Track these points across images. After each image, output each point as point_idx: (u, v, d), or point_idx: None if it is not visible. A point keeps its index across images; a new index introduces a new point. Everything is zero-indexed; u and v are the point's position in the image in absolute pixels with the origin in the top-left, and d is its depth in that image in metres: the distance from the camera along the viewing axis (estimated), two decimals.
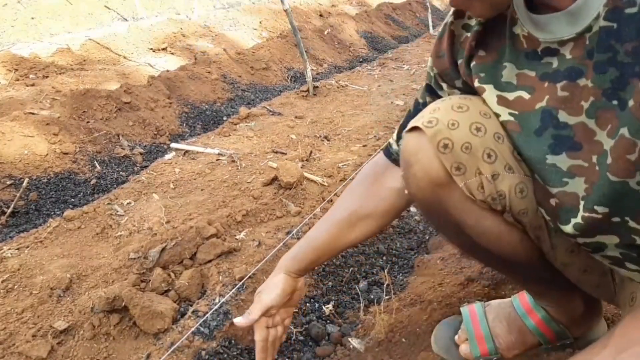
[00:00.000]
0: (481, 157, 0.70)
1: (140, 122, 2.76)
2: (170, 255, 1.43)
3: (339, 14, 5.87)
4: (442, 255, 1.49)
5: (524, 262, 0.80)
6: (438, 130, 0.70)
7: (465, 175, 0.71)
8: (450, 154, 0.70)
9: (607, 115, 0.59)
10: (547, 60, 0.67)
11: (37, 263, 1.45)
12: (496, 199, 0.72)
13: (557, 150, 0.66)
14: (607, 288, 0.84)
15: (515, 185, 0.71)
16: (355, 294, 1.43)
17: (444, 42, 0.81)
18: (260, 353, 0.98)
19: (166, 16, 5.18)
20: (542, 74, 0.68)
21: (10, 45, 4.11)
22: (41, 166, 2.17)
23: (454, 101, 0.74)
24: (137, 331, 1.22)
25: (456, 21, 0.79)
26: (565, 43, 0.64)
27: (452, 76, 0.82)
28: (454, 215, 0.75)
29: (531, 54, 0.69)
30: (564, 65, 0.65)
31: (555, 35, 0.64)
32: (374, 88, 3.45)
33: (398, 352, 1.11)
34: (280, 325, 1.01)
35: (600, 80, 0.59)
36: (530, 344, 0.96)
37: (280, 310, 0.99)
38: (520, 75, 0.70)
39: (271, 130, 2.59)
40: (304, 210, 1.72)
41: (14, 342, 1.16)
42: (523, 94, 0.70)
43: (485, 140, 0.70)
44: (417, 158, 0.73)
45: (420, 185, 0.74)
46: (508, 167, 0.71)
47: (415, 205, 0.83)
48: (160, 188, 1.97)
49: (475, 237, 0.77)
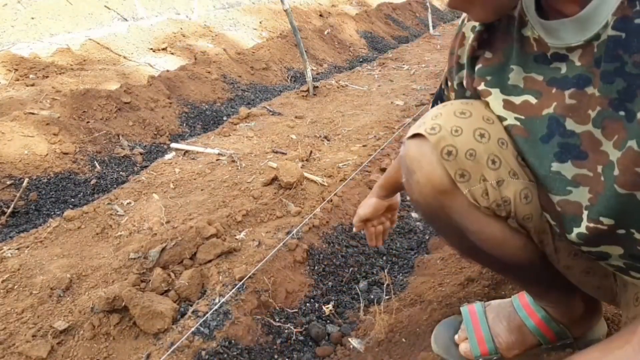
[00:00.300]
0: (485, 164, 0.69)
1: (140, 122, 2.76)
2: (170, 255, 1.43)
3: (339, 14, 5.87)
4: (442, 255, 1.49)
5: (526, 265, 0.80)
6: (441, 137, 0.69)
7: (470, 182, 0.70)
8: (454, 161, 0.69)
9: (613, 125, 0.59)
10: (556, 66, 0.66)
11: (37, 263, 1.45)
12: (501, 205, 0.71)
13: (562, 158, 0.65)
14: (609, 289, 0.83)
15: (520, 191, 0.71)
16: (355, 294, 1.43)
17: (456, 41, 0.80)
18: (370, 241, 1.23)
19: (166, 16, 5.18)
20: (550, 79, 0.67)
21: (10, 45, 4.11)
22: (41, 166, 2.17)
23: (456, 107, 0.73)
24: (137, 331, 1.22)
25: (467, 23, 0.78)
26: (574, 49, 0.64)
27: (453, 74, 0.82)
28: (456, 221, 0.75)
29: (540, 57, 0.68)
30: (573, 72, 0.64)
31: (564, 41, 0.64)
32: (374, 88, 3.45)
33: (398, 352, 1.11)
34: (387, 221, 1.22)
35: (607, 90, 0.59)
36: (530, 344, 0.95)
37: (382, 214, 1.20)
38: (528, 79, 0.70)
39: (271, 130, 2.59)
40: (304, 210, 1.72)
41: (14, 342, 1.16)
42: (530, 99, 0.69)
43: (490, 146, 0.70)
44: (419, 165, 0.72)
45: (423, 192, 0.73)
46: (512, 173, 0.71)
47: (416, 211, 0.83)
48: (160, 188, 1.97)
49: (478, 242, 0.77)
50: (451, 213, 0.74)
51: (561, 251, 0.78)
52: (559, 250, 0.78)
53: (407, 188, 0.77)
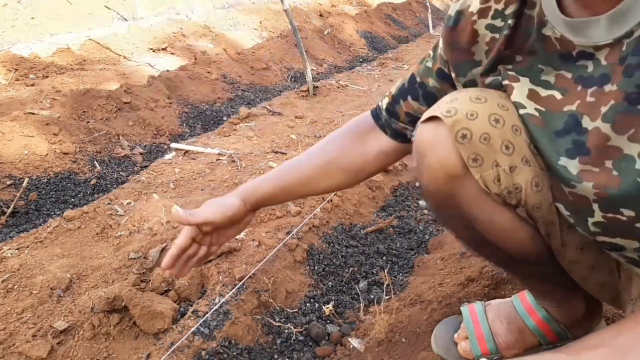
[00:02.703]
0: (499, 149, 0.69)
1: (140, 122, 2.76)
2: None
3: (339, 14, 5.87)
4: (442, 255, 1.49)
5: (531, 259, 0.79)
6: (457, 120, 0.69)
7: (482, 167, 0.69)
8: (469, 145, 0.68)
9: (627, 119, 0.58)
10: (583, 64, 0.66)
11: (37, 263, 1.45)
12: (512, 192, 0.71)
13: (572, 155, 0.65)
14: (612, 287, 0.83)
15: (532, 179, 0.70)
16: (355, 294, 1.43)
17: (463, 35, 0.78)
18: (169, 258, 0.90)
19: (166, 16, 5.18)
20: (577, 76, 0.66)
21: (10, 45, 4.10)
22: (41, 166, 2.17)
23: (472, 93, 0.73)
24: (137, 331, 1.22)
25: (480, 20, 0.77)
26: (601, 48, 0.63)
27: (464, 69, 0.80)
28: (465, 209, 0.74)
29: (566, 55, 0.67)
30: (599, 71, 0.63)
31: (592, 39, 0.63)
32: (374, 88, 3.45)
33: (398, 352, 1.11)
34: (206, 246, 0.96)
35: (625, 85, 0.58)
36: (530, 343, 0.95)
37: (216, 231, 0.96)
38: (559, 76, 0.69)
39: (271, 130, 2.59)
40: (304, 210, 1.72)
41: (14, 342, 1.16)
42: (556, 94, 0.68)
43: (504, 131, 0.69)
44: (432, 148, 0.71)
45: (434, 176, 0.73)
46: (525, 160, 0.70)
47: (425, 198, 0.82)
48: (160, 188, 1.97)
49: (485, 232, 0.76)
50: (460, 200, 0.73)
51: (568, 245, 0.78)
52: (566, 243, 0.78)
53: (417, 173, 0.76)
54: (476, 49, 0.78)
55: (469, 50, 0.78)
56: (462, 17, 0.78)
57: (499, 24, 0.75)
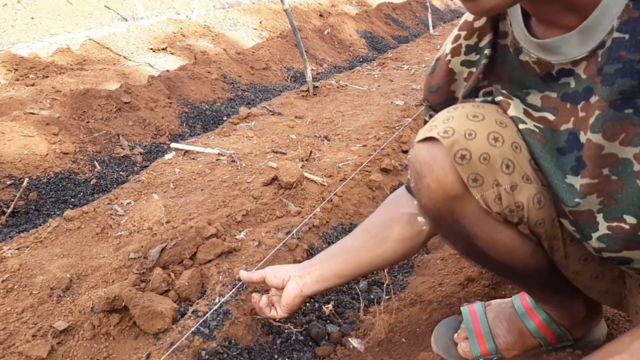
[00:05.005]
0: (499, 168, 0.68)
1: (140, 122, 2.76)
2: (170, 255, 1.43)
3: (339, 14, 5.86)
4: (442, 255, 1.49)
5: (533, 272, 0.79)
6: (455, 141, 0.68)
7: (482, 187, 0.68)
8: (468, 165, 0.67)
9: (616, 125, 0.58)
10: (565, 81, 0.66)
11: (37, 263, 1.45)
12: (514, 210, 0.70)
13: (576, 172, 0.65)
14: (616, 294, 0.83)
15: (534, 196, 0.70)
16: (355, 294, 1.43)
17: (438, 77, 0.81)
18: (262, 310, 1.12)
19: (166, 16, 5.18)
20: (562, 94, 0.67)
21: (10, 45, 4.10)
22: (41, 166, 2.17)
23: (468, 110, 0.71)
24: (137, 331, 1.22)
25: (453, 59, 0.78)
26: (579, 62, 0.63)
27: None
28: (466, 228, 0.73)
29: (546, 77, 0.68)
30: (581, 86, 0.64)
31: (569, 55, 0.63)
32: (374, 88, 3.45)
33: (398, 352, 1.11)
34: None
35: (607, 93, 0.58)
36: (530, 345, 0.95)
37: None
38: (544, 98, 0.69)
39: (271, 130, 2.59)
40: (304, 210, 1.72)
41: (14, 342, 1.16)
42: (548, 116, 0.68)
43: (504, 150, 0.68)
44: (430, 169, 0.70)
45: (433, 197, 0.71)
46: (526, 177, 0.69)
47: (424, 217, 0.82)
48: (160, 188, 1.97)
49: (486, 249, 0.75)
50: (460, 219, 0.72)
51: (571, 256, 0.77)
52: (569, 255, 0.77)
53: (416, 192, 0.75)
54: (455, 86, 0.79)
55: (449, 89, 0.80)
56: (438, 63, 0.81)
57: (474, 58, 0.76)
